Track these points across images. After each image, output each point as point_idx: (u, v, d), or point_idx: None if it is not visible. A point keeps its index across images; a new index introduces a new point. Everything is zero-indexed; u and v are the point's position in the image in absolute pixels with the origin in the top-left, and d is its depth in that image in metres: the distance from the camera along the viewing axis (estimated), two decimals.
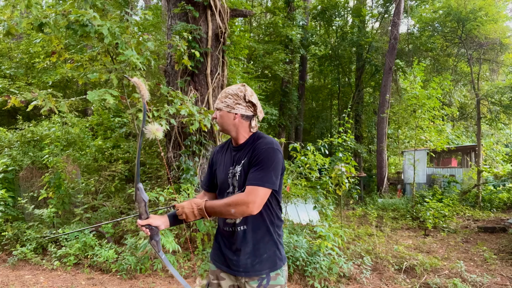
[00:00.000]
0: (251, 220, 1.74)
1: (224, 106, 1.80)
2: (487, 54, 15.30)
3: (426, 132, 10.43)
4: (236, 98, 1.79)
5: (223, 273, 1.83)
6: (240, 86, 1.82)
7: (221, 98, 1.82)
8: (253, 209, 1.61)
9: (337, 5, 18.27)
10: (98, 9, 4.99)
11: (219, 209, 1.65)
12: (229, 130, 1.83)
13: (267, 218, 1.77)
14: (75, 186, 6.45)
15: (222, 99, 1.82)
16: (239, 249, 1.75)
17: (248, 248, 1.74)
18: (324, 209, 6.08)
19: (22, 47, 11.76)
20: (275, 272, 1.77)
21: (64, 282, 4.35)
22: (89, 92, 4.55)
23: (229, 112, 1.79)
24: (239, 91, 1.79)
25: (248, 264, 1.73)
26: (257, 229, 1.75)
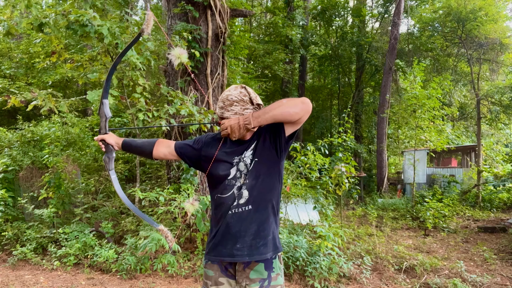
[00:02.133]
0: (257, 199, 1.72)
1: (232, 115, 1.72)
2: (487, 54, 15.30)
3: (426, 132, 10.44)
4: (242, 104, 1.72)
5: (222, 278, 1.76)
6: (240, 89, 1.75)
7: (225, 106, 1.73)
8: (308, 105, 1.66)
9: (337, 5, 18.27)
10: (98, 9, 4.99)
11: (268, 108, 1.63)
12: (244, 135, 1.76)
13: (273, 196, 1.77)
14: (75, 186, 6.46)
15: (227, 107, 1.73)
16: (243, 230, 1.70)
17: (253, 229, 1.71)
18: (324, 209, 6.08)
19: (22, 47, 11.76)
20: (276, 272, 1.75)
21: (64, 282, 4.35)
22: (89, 92, 4.56)
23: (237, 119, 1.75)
24: (243, 96, 1.73)
25: (252, 246, 1.70)
26: (262, 209, 1.73)
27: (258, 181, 1.72)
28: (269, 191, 1.75)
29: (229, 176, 1.74)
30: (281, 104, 1.63)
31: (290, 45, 15.33)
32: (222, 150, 1.79)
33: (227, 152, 1.78)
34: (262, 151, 1.74)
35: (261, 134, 1.76)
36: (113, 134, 1.97)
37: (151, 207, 5.54)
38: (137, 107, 4.98)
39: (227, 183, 1.74)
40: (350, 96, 18.87)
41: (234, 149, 1.78)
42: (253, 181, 1.72)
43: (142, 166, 7.57)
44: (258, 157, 1.73)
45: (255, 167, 1.72)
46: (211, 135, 1.92)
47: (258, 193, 1.72)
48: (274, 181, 1.78)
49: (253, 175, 1.72)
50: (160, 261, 4.51)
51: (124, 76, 4.98)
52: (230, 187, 1.74)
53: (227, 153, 1.78)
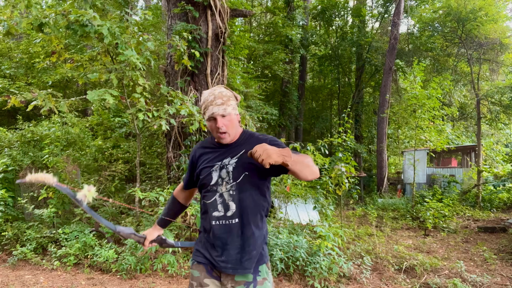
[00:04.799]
0: (244, 213, 1.69)
1: (232, 109, 1.69)
2: (487, 54, 15.30)
3: (426, 132, 10.44)
4: (233, 99, 1.73)
5: (207, 279, 1.74)
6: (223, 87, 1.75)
7: (225, 102, 1.67)
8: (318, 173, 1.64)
9: (337, 5, 18.28)
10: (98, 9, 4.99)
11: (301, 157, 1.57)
12: (235, 134, 1.75)
13: (260, 211, 1.73)
14: (75, 186, 6.45)
15: (227, 102, 1.68)
16: (229, 243, 1.69)
17: (238, 243, 1.68)
18: (324, 209, 6.08)
19: (22, 47, 11.76)
20: (262, 277, 1.71)
21: (64, 282, 4.35)
22: (89, 92, 4.56)
23: (235, 115, 1.72)
24: (229, 92, 1.73)
25: (237, 260, 1.68)
26: (250, 223, 1.69)
27: (246, 195, 1.68)
28: (257, 205, 1.72)
29: (211, 181, 1.72)
30: (308, 166, 1.58)
31: (290, 45, 15.33)
32: (207, 158, 1.78)
33: (210, 158, 1.77)
34: (252, 166, 1.66)
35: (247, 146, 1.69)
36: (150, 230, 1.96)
37: (151, 207, 5.54)
38: (137, 107, 4.98)
39: (210, 189, 1.73)
40: (350, 96, 18.88)
41: (217, 154, 1.76)
42: (241, 195, 1.68)
43: (142, 166, 7.57)
44: (248, 171, 1.67)
45: (245, 180, 1.68)
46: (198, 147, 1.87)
47: (246, 207, 1.68)
48: (263, 195, 1.75)
49: (242, 189, 1.68)
50: (160, 261, 4.51)
51: (124, 76, 4.98)
52: (212, 193, 1.72)
53: (210, 159, 1.76)
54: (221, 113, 1.66)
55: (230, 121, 1.69)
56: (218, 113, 1.65)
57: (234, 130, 1.72)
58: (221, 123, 1.66)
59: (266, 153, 1.40)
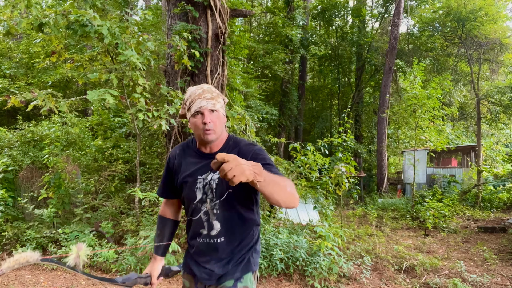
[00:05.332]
0: (230, 231, 1.59)
1: (221, 107, 1.56)
2: (487, 54, 15.30)
3: (426, 132, 10.44)
4: (221, 98, 1.61)
5: None
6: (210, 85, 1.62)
7: (215, 97, 1.54)
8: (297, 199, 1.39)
9: (337, 5, 18.29)
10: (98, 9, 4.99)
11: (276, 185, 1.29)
12: (220, 135, 1.60)
13: (247, 227, 1.64)
14: (75, 186, 6.45)
15: (217, 98, 1.55)
16: (214, 261, 1.61)
17: (224, 261, 1.61)
18: (324, 209, 6.08)
19: (22, 47, 11.76)
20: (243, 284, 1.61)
21: (64, 282, 4.35)
22: (89, 92, 4.56)
23: (223, 114, 1.59)
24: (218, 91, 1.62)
25: (222, 276, 1.61)
26: (235, 240, 1.61)
27: (231, 213, 1.58)
28: (244, 221, 1.62)
29: (195, 199, 1.60)
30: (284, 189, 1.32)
31: (290, 45, 15.34)
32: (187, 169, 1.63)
33: (191, 170, 1.62)
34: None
35: None
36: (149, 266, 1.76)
37: (151, 207, 5.54)
38: (137, 107, 4.98)
39: (194, 206, 1.62)
40: (350, 96, 18.89)
41: (198, 166, 1.61)
42: (226, 213, 1.57)
43: (142, 166, 7.57)
44: (233, 188, 1.53)
45: (229, 198, 1.56)
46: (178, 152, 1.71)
47: (231, 226, 1.59)
48: (251, 209, 1.64)
49: (226, 207, 1.57)
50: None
51: (124, 76, 4.98)
52: (197, 210, 1.61)
53: (191, 172, 1.62)
54: (210, 107, 1.51)
55: (218, 118, 1.55)
56: (206, 107, 1.51)
57: (220, 130, 1.57)
58: (209, 118, 1.51)
59: (239, 169, 1.12)
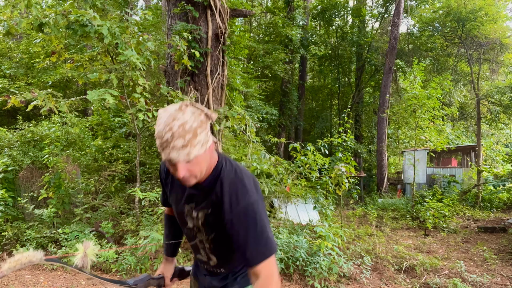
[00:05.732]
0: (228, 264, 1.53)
1: (201, 147, 1.18)
2: (487, 54, 15.30)
3: (426, 132, 10.44)
4: (204, 126, 1.20)
5: None
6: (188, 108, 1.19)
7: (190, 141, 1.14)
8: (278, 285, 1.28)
9: (337, 5, 18.29)
10: (98, 9, 5.00)
11: None
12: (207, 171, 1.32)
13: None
14: (75, 186, 6.46)
15: (192, 141, 1.14)
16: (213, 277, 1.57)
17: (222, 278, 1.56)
18: (324, 209, 6.08)
19: (22, 47, 11.76)
20: None
21: (64, 282, 4.35)
22: (89, 92, 4.56)
23: (205, 151, 1.22)
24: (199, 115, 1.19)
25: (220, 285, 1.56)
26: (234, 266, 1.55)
27: (226, 249, 1.46)
28: None
29: (186, 225, 1.48)
30: None
31: (290, 45, 15.34)
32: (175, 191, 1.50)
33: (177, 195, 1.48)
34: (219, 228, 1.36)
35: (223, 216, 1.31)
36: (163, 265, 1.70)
37: (151, 207, 5.54)
38: (137, 107, 4.98)
39: (187, 232, 1.52)
40: (350, 96, 18.89)
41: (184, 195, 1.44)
42: (219, 249, 1.47)
43: (142, 166, 7.57)
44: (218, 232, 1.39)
45: (217, 239, 1.43)
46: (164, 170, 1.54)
47: (228, 260, 1.51)
48: None
49: (217, 244, 1.46)
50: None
51: (124, 76, 4.99)
52: (192, 237, 1.51)
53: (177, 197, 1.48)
54: (183, 159, 1.16)
55: (198, 164, 1.21)
56: (178, 160, 1.16)
57: (205, 170, 1.28)
58: (184, 172, 1.20)
59: None
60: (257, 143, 7.38)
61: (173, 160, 1.16)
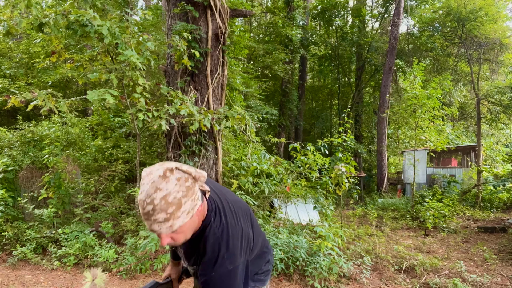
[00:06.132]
0: None
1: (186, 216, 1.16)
2: (487, 54, 15.30)
3: (426, 132, 10.44)
4: (190, 192, 1.17)
5: None
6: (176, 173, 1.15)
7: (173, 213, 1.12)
8: None
9: (337, 5, 18.29)
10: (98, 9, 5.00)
11: None
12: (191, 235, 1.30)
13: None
14: (75, 186, 6.46)
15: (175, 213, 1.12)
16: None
17: None
18: (324, 209, 6.08)
19: (22, 47, 11.76)
20: None
21: (64, 282, 4.35)
22: (89, 92, 4.56)
23: (191, 217, 1.20)
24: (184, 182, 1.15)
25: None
26: None
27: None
28: None
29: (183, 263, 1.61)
30: None
31: (290, 45, 15.34)
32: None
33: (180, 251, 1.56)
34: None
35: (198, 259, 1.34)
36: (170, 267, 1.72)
37: None
38: (137, 107, 4.98)
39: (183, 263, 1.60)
40: (350, 96, 18.89)
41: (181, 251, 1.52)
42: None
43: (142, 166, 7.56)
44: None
45: None
46: None
47: None
48: None
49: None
50: (160, 261, 4.50)
51: (124, 76, 4.99)
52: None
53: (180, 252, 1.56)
54: (165, 231, 1.15)
55: (183, 232, 1.21)
56: (160, 232, 1.15)
57: (190, 234, 1.27)
58: (167, 240, 1.19)
59: None
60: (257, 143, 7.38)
61: (155, 232, 1.15)
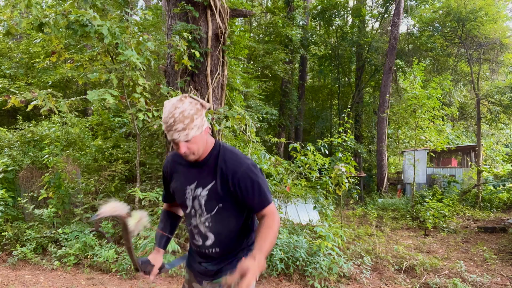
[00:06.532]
0: (224, 242, 1.66)
1: (197, 130, 1.49)
2: (487, 54, 15.30)
3: (426, 132, 10.44)
4: (199, 113, 1.51)
5: (194, 283, 1.80)
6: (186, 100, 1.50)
7: (188, 125, 1.45)
8: (279, 221, 1.60)
9: (337, 5, 18.29)
10: (98, 9, 5.00)
11: (272, 245, 1.49)
12: (204, 150, 1.59)
13: (242, 235, 1.69)
14: (75, 186, 6.45)
15: (190, 125, 1.46)
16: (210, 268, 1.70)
17: (220, 267, 1.69)
18: (324, 209, 6.08)
19: (22, 47, 11.76)
20: None
21: (64, 282, 4.35)
22: (89, 92, 4.56)
23: (201, 133, 1.52)
24: (195, 105, 1.50)
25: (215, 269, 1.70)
26: (229, 249, 1.68)
27: (224, 225, 1.63)
28: (238, 230, 1.67)
29: (187, 209, 1.68)
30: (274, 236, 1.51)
31: (290, 45, 15.34)
32: (178, 178, 1.70)
33: (181, 179, 1.69)
34: (225, 196, 1.59)
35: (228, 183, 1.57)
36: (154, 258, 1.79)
37: (151, 207, 5.54)
38: (137, 107, 4.98)
39: (187, 214, 1.69)
40: (350, 96, 18.90)
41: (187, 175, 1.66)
42: (218, 225, 1.63)
43: (142, 166, 7.56)
44: (222, 203, 1.59)
45: (220, 212, 1.61)
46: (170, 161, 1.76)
47: (225, 237, 1.65)
48: (245, 219, 1.68)
49: (217, 220, 1.62)
50: None
51: (124, 76, 4.98)
52: (189, 218, 1.69)
53: (181, 181, 1.68)
54: (184, 139, 1.48)
55: (196, 143, 1.52)
56: (179, 140, 1.48)
57: (202, 148, 1.57)
58: (184, 149, 1.51)
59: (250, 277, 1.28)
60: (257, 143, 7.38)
61: (175, 140, 1.48)
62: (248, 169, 1.57)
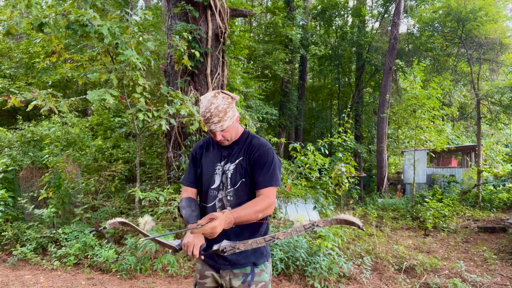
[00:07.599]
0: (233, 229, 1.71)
1: (230, 120, 1.75)
2: (487, 54, 15.30)
3: (426, 132, 10.44)
4: (231, 106, 1.76)
5: (208, 271, 1.86)
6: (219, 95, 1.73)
7: (222, 118, 1.71)
8: (273, 209, 1.73)
9: (337, 5, 18.28)
10: (98, 9, 5.00)
11: (247, 217, 1.62)
12: (235, 135, 1.84)
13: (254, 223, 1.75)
14: (75, 186, 6.45)
15: (224, 117, 1.72)
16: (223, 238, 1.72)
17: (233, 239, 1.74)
18: (324, 209, 6.08)
19: (22, 47, 11.76)
20: (260, 268, 1.79)
21: (64, 282, 4.35)
22: (89, 92, 4.56)
23: (233, 122, 1.78)
24: (227, 100, 1.74)
25: (233, 260, 1.76)
26: (247, 227, 1.76)
27: (243, 201, 1.73)
28: None
29: (212, 185, 1.81)
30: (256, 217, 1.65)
31: (290, 45, 15.34)
32: (208, 158, 1.88)
33: (211, 158, 1.87)
34: (247, 173, 1.78)
35: (251, 158, 1.79)
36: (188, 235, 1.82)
37: (151, 207, 5.54)
38: (137, 107, 4.98)
39: (210, 193, 1.81)
40: (350, 96, 18.90)
41: (219, 154, 1.86)
42: (238, 200, 1.75)
43: (142, 166, 7.57)
44: (245, 178, 1.77)
45: (242, 187, 1.77)
46: (199, 147, 1.96)
47: None
48: None
49: (239, 195, 1.76)
50: (160, 261, 4.50)
51: (124, 76, 4.98)
52: (212, 197, 1.81)
53: (212, 160, 1.86)
54: (219, 129, 1.73)
55: (229, 131, 1.77)
56: (216, 130, 1.73)
57: (234, 134, 1.82)
58: (220, 137, 1.76)
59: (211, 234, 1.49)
60: None
61: (212, 130, 1.73)
62: (271, 150, 1.81)
